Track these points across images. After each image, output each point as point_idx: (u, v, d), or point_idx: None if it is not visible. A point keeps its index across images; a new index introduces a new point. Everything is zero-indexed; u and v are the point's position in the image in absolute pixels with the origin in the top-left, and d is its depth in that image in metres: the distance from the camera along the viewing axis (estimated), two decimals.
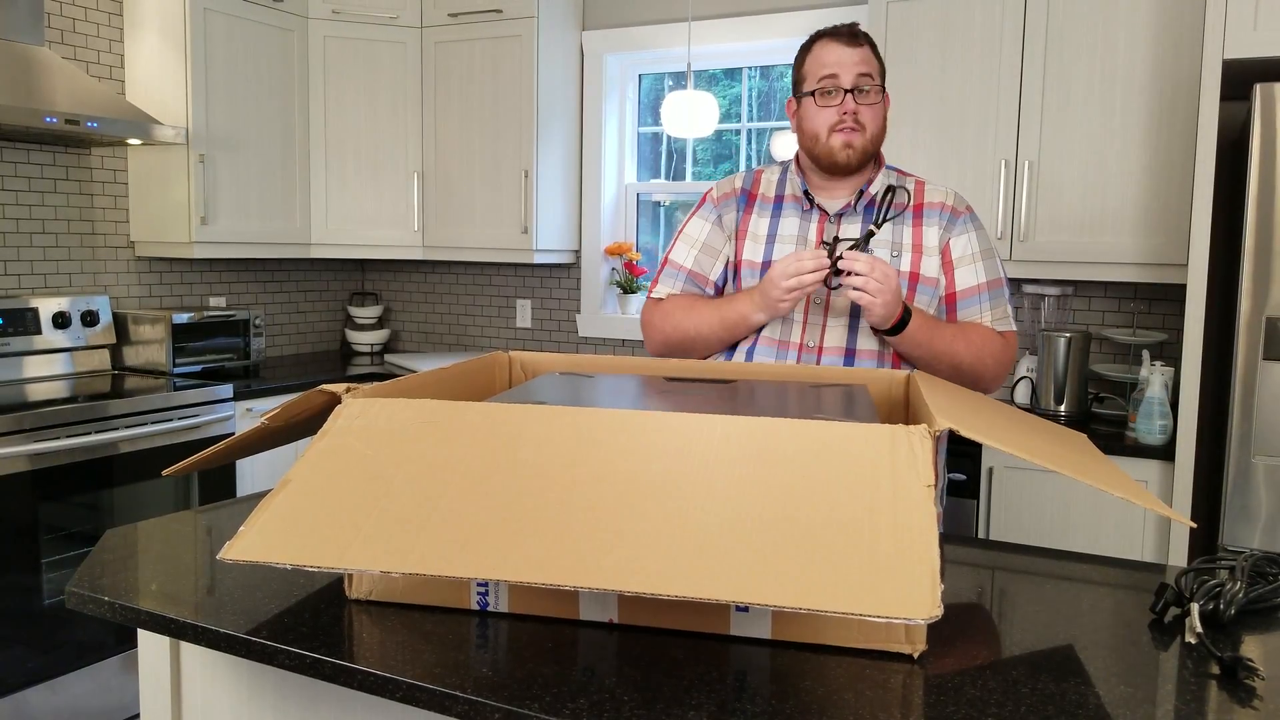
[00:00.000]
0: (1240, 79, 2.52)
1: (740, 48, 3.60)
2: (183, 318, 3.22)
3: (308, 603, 1.18)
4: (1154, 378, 2.61)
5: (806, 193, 1.80)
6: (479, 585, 1.16)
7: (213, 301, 3.73)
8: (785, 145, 3.66)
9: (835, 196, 1.80)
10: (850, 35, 1.73)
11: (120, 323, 3.28)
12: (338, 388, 1.29)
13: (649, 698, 0.95)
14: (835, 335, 1.75)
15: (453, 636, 1.09)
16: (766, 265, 1.79)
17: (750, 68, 3.74)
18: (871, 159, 1.78)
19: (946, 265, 1.77)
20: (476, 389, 1.67)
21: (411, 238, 3.84)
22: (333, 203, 3.75)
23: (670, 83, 3.91)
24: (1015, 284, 3.19)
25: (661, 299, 1.90)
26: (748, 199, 1.87)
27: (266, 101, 3.50)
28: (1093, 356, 3.10)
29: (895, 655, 1.06)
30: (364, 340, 4.18)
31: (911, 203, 1.79)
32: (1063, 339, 2.84)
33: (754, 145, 3.76)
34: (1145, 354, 2.78)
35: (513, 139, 3.63)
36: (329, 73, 3.69)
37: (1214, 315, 2.91)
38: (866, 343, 1.75)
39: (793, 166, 1.85)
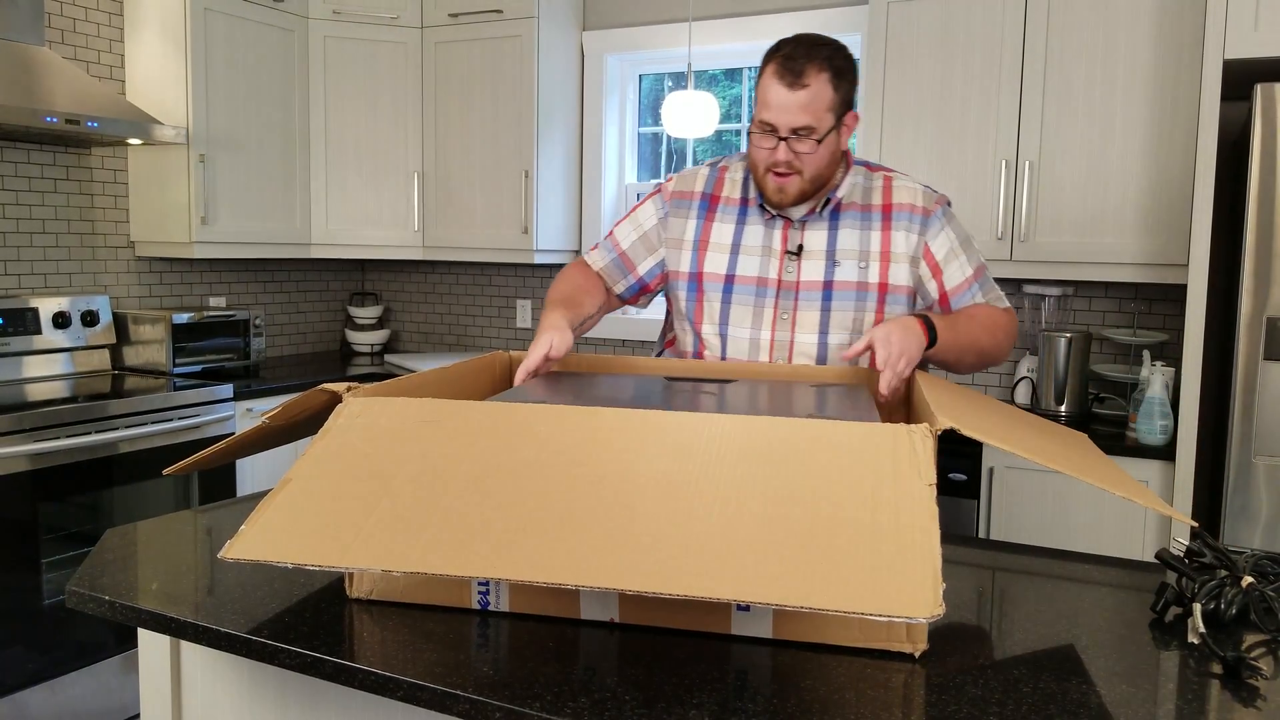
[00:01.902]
0: (1241, 79, 2.52)
1: (740, 48, 3.60)
2: (183, 318, 3.22)
3: (308, 602, 1.18)
4: (1154, 378, 2.61)
5: (764, 205, 1.73)
6: (480, 584, 1.16)
7: (213, 301, 3.73)
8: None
9: (801, 203, 1.73)
10: (796, 75, 1.57)
11: (120, 323, 3.28)
12: (338, 387, 1.29)
13: (650, 697, 0.95)
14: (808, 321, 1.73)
15: (454, 636, 1.09)
16: (730, 279, 1.74)
17: (750, 68, 3.74)
18: (813, 194, 1.69)
19: (934, 269, 1.72)
20: (476, 389, 1.66)
21: (411, 238, 3.84)
22: (333, 203, 3.74)
23: (670, 83, 3.91)
24: (1015, 284, 3.19)
25: (584, 262, 1.90)
26: (709, 204, 1.79)
27: (267, 101, 3.50)
28: (1093, 357, 3.10)
29: (896, 654, 1.05)
30: (364, 340, 4.18)
31: (880, 203, 1.73)
32: (1063, 339, 2.84)
33: None
34: (1146, 354, 2.78)
35: (513, 139, 3.63)
36: (329, 73, 3.69)
37: (1215, 315, 2.91)
38: (839, 335, 1.72)
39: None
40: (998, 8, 2.85)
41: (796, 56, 1.58)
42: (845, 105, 1.64)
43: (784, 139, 1.60)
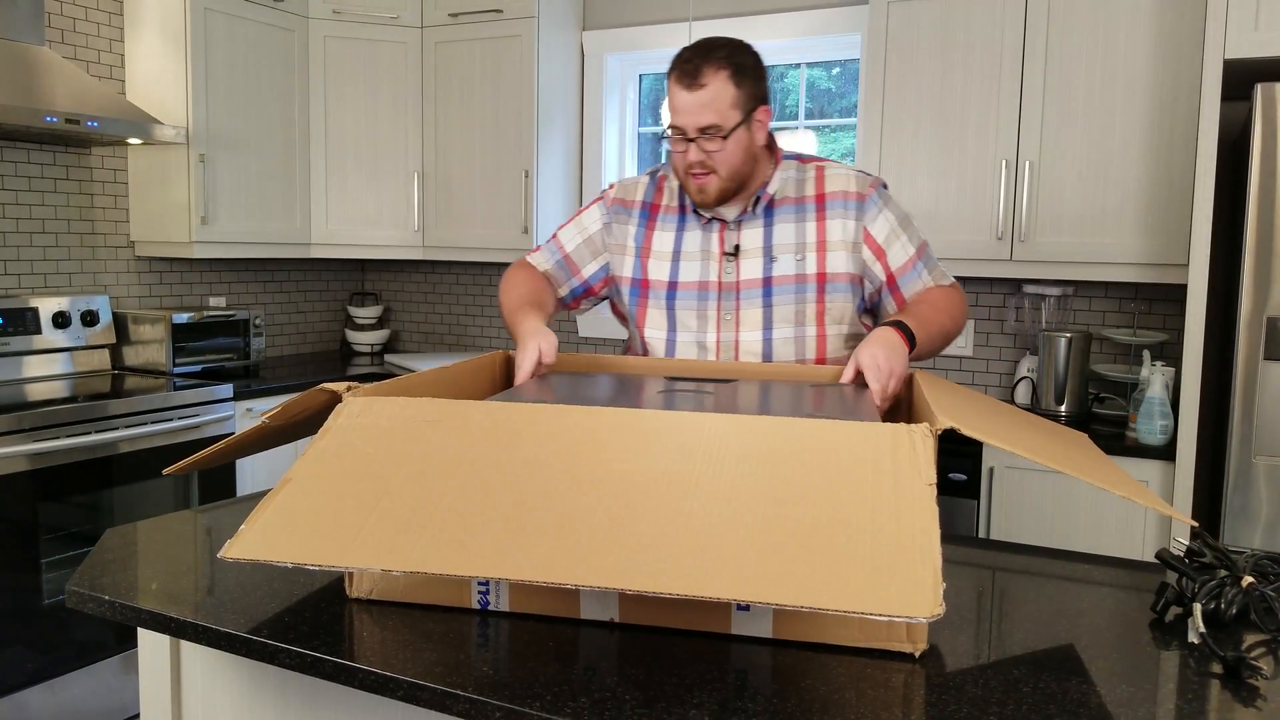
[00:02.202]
0: (1241, 79, 2.52)
1: None
2: (183, 317, 3.22)
3: (308, 601, 1.18)
4: (1154, 378, 2.61)
5: (699, 209, 1.75)
6: (480, 584, 1.16)
7: (212, 301, 3.72)
8: (785, 145, 3.66)
9: (732, 204, 1.74)
10: (693, 76, 1.60)
11: (120, 322, 3.28)
12: (338, 386, 1.29)
13: (650, 696, 0.95)
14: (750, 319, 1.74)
15: (453, 635, 1.09)
16: (673, 285, 1.76)
17: None
18: (736, 191, 1.70)
19: (877, 252, 1.73)
20: (476, 389, 1.66)
21: (411, 238, 3.84)
22: (333, 202, 3.74)
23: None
24: (1015, 284, 3.19)
25: (528, 263, 1.91)
26: (649, 212, 1.82)
27: (267, 101, 3.50)
28: (1093, 357, 3.10)
29: (896, 654, 1.05)
30: (364, 340, 4.18)
31: (814, 193, 1.74)
32: (1063, 339, 2.84)
33: None
34: (1146, 354, 2.78)
35: (513, 139, 3.63)
36: (329, 73, 3.69)
37: (1215, 315, 2.91)
38: (783, 329, 1.73)
39: None
40: (998, 8, 2.85)
41: (694, 59, 1.62)
42: (753, 101, 1.65)
43: (693, 140, 1.64)
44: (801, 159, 1.79)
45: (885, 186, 1.77)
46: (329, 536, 1.04)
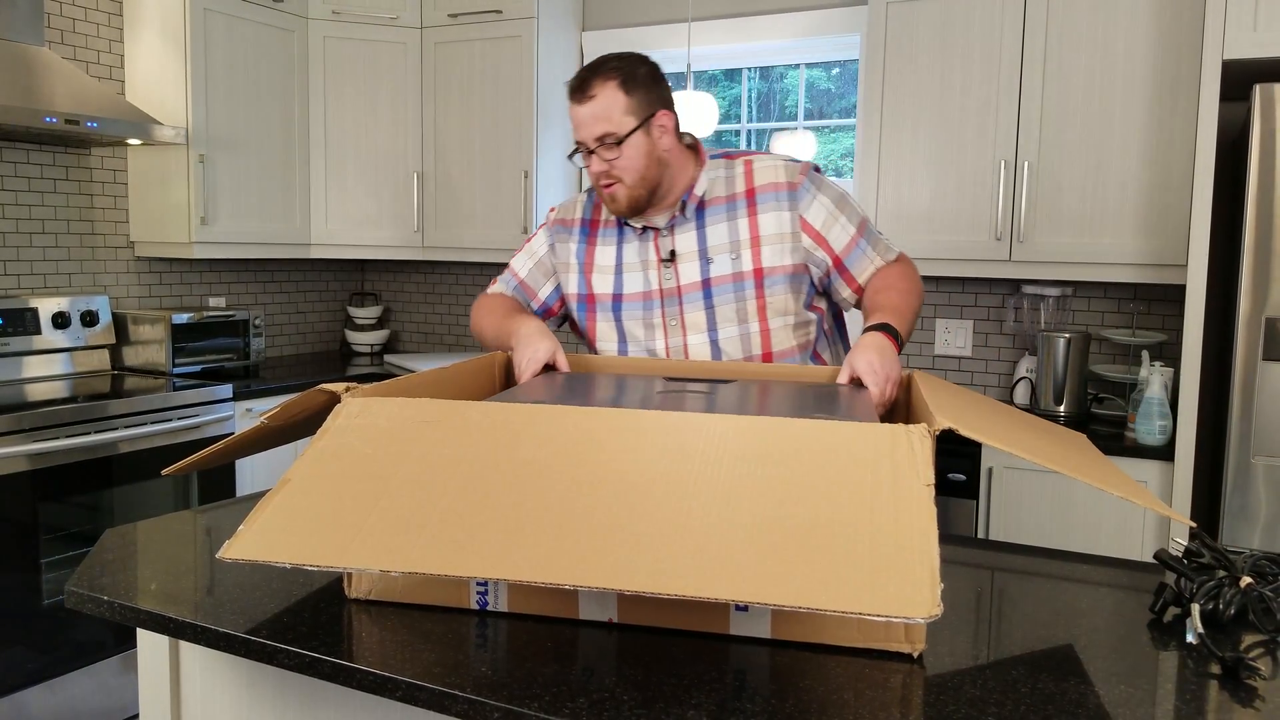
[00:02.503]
0: (1240, 79, 2.52)
1: (740, 49, 3.61)
2: (182, 318, 3.22)
3: (307, 602, 1.18)
4: (1153, 378, 2.62)
5: (625, 220, 1.77)
6: (478, 585, 1.16)
7: (212, 302, 3.73)
8: (784, 145, 3.66)
9: (661, 211, 1.75)
10: (579, 90, 1.66)
11: (120, 323, 3.28)
12: (337, 387, 1.29)
13: (649, 697, 0.95)
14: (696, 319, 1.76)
15: (452, 636, 1.09)
16: (618, 298, 1.79)
17: (750, 68, 3.74)
18: (649, 197, 1.71)
19: (817, 239, 1.73)
20: (476, 389, 1.66)
21: (411, 238, 3.84)
22: (332, 203, 3.75)
23: (670, 83, 3.91)
24: (1014, 284, 3.20)
25: (489, 293, 1.94)
26: (589, 229, 1.84)
27: (266, 102, 3.50)
28: (1092, 357, 3.10)
29: (895, 655, 1.05)
30: (364, 340, 4.18)
31: (744, 189, 1.74)
32: (1062, 339, 2.84)
33: (753, 146, 3.76)
34: (1145, 354, 2.78)
35: (513, 139, 3.63)
36: (329, 73, 3.69)
37: (1213, 316, 2.91)
38: (727, 329, 1.74)
39: None
40: (997, 8, 2.85)
41: (584, 76, 1.67)
42: (649, 107, 1.68)
43: (592, 151, 1.67)
44: (729, 155, 1.79)
45: (818, 170, 1.77)
46: (327, 537, 1.04)
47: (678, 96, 3.23)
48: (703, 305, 1.74)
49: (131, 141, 3.07)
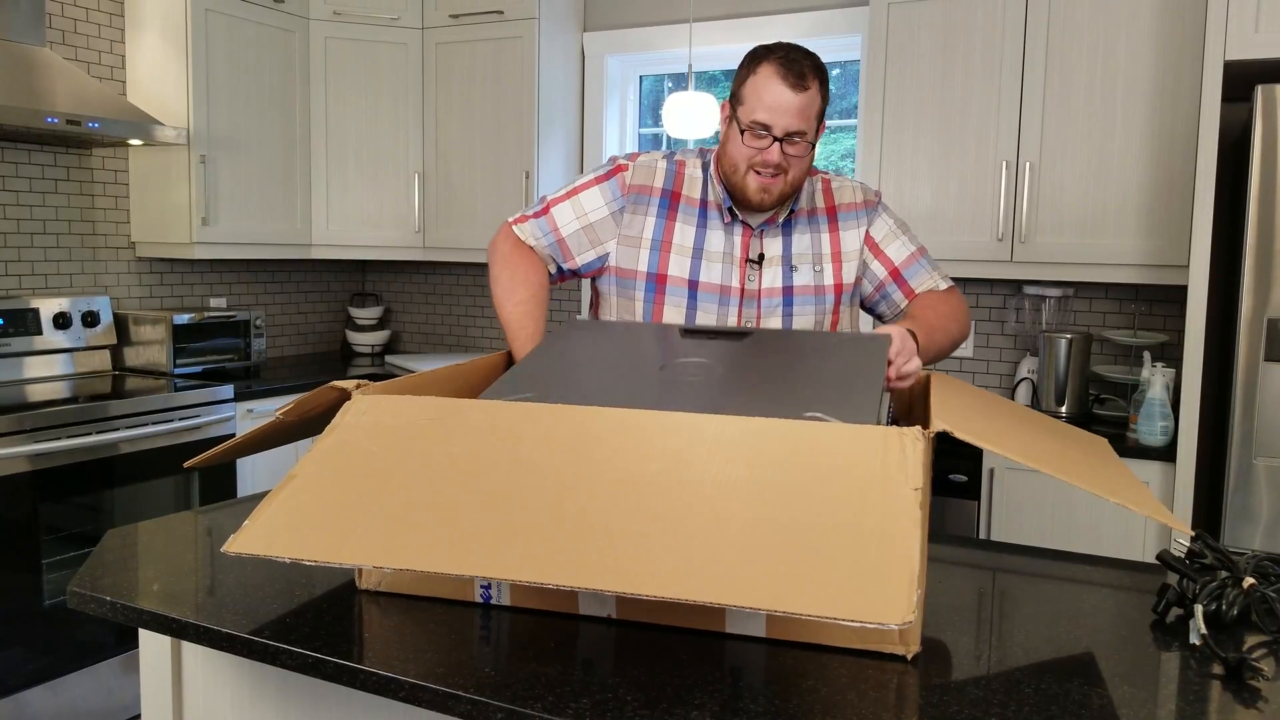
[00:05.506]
0: (1241, 80, 2.52)
1: (740, 49, 3.60)
2: (183, 318, 3.22)
3: (310, 602, 1.18)
4: (1155, 379, 2.61)
5: (731, 209, 1.71)
6: (482, 580, 1.16)
7: (213, 302, 3.73)
8: None
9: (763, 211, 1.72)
10: (799, 76, 1.56)
11: (121, 323, 3.28)
12: (349, 384, 1.30)
13: (652, 697, 0.95)
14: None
15: (455, 634, 1.09)
16: (695, 285, 1.71)
17: None
18: (789, 199, 1.69)
19: (875, 250, 1.75)
20: (482, 388, 1.66)
21: (412, 238, 3.84)
22: (333, 203, 3.75)
23: (671, 84, 3.91)
24: (1015, 285, 3.19)
25: (520, 239, 1.79)
26: (670, 201, 1.74)
27: (267, 102, 3.50)
28: (1094, 358, 3.10)
29: (894, 655, 1.05)
30: (364, 341, 4.18)
31: (824, 206, 1.76)
32: (1064, 340, 2.84)
33: None
34: (1146, 355, 2.78)
35: (513, 140, 3.63)
36: (330, 74, 3.69)
37: (1215, 316, 2.91)
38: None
39: (713, 169, 1.73)
40: (998, 9, 2.85)
41: (797, 59, 1.57)
42: (824, 117, 1.67)
43: (779, 140, 1.59)
44: (812, 170, 1.80)
45: (882, 198, 1.84)
46: (329, 533, 1.04)
47: (678, 97, 3.23)
48: (781, 312, 1.73)
49: (133, 142, 3.07)
